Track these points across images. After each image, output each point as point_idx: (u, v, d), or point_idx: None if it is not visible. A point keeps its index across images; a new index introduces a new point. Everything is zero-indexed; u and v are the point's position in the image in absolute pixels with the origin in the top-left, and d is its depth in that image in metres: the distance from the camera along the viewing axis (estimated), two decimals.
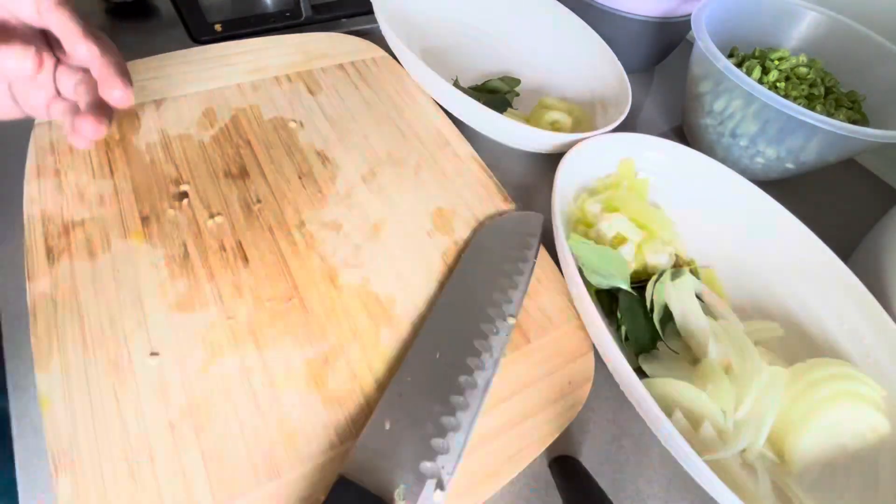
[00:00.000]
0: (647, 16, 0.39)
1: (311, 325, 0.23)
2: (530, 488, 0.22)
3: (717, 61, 0.30)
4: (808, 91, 0.34)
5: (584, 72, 0.39)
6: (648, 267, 0.29)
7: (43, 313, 0.21)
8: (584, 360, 0.25)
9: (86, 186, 0.25)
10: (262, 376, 0.21)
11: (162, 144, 0.28)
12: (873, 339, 0.25)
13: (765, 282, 0.29)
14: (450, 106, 0.33)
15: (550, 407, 0.23)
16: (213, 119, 0.30)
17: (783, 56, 0.35)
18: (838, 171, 0.40)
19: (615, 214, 0.28)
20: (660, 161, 0.31)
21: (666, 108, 0.43)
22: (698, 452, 0.18)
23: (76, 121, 0.21)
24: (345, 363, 0.22)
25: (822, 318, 0.27)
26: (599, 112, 0.37)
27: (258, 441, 0.20)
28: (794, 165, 0.33)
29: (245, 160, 0.29)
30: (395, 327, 0.24)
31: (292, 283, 0.24)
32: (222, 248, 0.25)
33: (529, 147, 0.34)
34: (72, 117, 0.21)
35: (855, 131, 0.28)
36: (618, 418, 0.25)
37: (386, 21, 0.33)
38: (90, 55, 0.20)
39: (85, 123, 0.21)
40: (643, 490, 0.23)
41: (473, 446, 0.21)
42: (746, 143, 0.33)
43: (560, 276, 0.28)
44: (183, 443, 0.19)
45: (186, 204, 0.26)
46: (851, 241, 0.32)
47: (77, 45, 0.20)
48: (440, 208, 0.29)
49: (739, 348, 0.24)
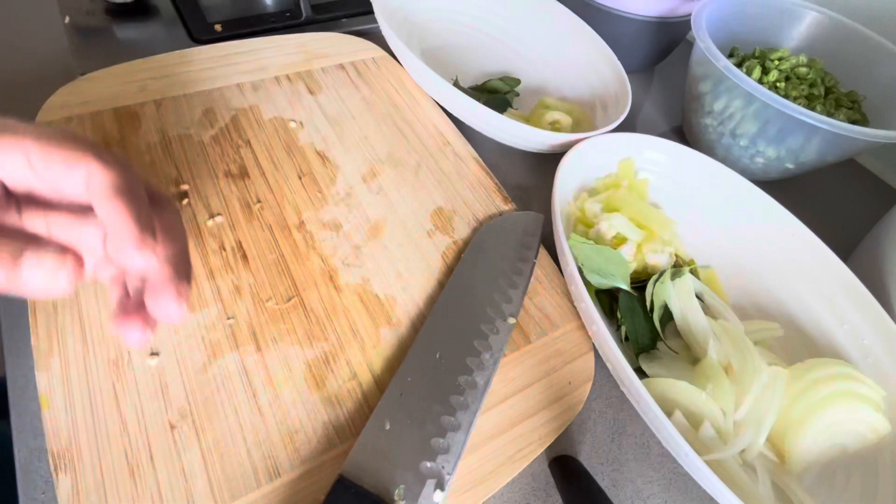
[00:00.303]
0: (647, 16, 0.39)
1: (311, 325, 0.23)
2: (531, 488, 0.22)
3: (717, 61, 0.30)
4: (808, 91, 0.34)
5: (584, 72, 0.39)
6: (648, 267, 0.29)
7: (43, 313, 0.21)
8: (584, 360, 0.25)
9: None
10: (262, 376, 0.21)
11: (162, 144, 0.28)
12: (873, 339, 0.25)
13: (765, 282, 0.29)
14: (450, 106, 0.33)
15: (550, 407, 0.23)
16: (213, 119, 0.30)
17: (783, 56, 0.35)
18: (838, 172, 0.40)
19: (615, 214, 0.28)
20: (660, 161, 0.32)
21: (666, 108, 0.43)
22: (698, 452, 0.18)
23: (149, 300, 0.15)
24: (344, 363, 0.22)
25: (821, 318, 0.27)
26: (599, 112, 0.37)
27: (258, 441, 0.20)
28: (793, 165, 0.33)
29: (245, 160, 0.29)
30: (395, 327, 0.24)
31: (292, 283, 0.24)
32: (222, 248, 0.25)
33: (529, 147, 0.34)
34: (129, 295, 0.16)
35: (855, 131, 0.28)
36: (618, 418, 0.25)
37: (386, 21, 0.33)
38: (145, 265, 0.14)
39: (163, 302, 0.15)
40: (643, 490, 0.23)
41: (474, 446, 0.21)
42: (746, 142, 0.33)
43: (560, 276, 0.28)
44: (183, 443, 0.19)
45: (186, 204, 0.26)
46: (851, 240, 0.32)
47: (130, 252, 0.14)
48: (440, 208, 0.29)
49: (739, 348, 0.24)
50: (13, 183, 0.14)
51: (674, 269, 0.28)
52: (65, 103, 0.28)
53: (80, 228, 0.14)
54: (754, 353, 0.23)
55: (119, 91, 0.30)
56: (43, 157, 0.13)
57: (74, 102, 0.28)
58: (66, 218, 0.14)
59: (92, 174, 0.14)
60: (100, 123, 0.28)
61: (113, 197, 0.14)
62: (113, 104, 0.29)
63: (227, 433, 0.20)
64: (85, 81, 0.30)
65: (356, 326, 0.24)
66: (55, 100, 0.28)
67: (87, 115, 0.28)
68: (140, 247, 0.14)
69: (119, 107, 0.29)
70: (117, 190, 0.14)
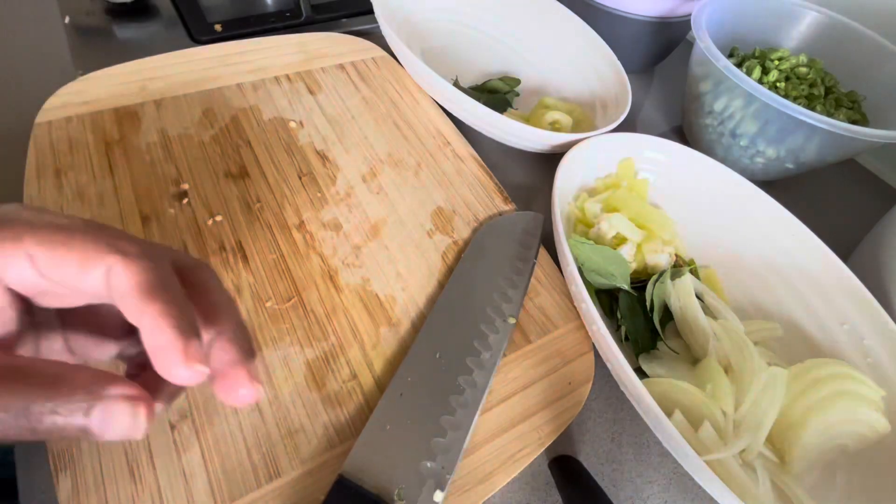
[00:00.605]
0: (648, 16, 0.39)
1: (310, 325, 0.23)
2: (531, 487, 0.22)
3: (718, 61, 0.30)
4: (808, 91, 0.34)
5: (584, 72, 0.39)
6: (648, 267, 0.29)
7: None
8: (584, 360, 0.25)
9: (86, 186, 0.25)
10: (262, 376, 0.21)
11: (162, 144, 0.28)
12: (873, 339, 0.25)
13: (765, 282, 0.29)
14: (450, 106, 0.33)
15: (550, 406, 0.23)
16: (213, 119, 0.30)
17: (783, 56, 0.35)
18: (838, 172, 0.40)
19: (615, 214, 0.28)
20: (660, 161, 0.32)
21: (666, 108, 0.43)
22: (698, 452, 0.18)
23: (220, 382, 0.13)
24: (344, 363, 0.22)
25: (821, 318, 0.27)
26: (600, 112, 0.37)
27: (258, 441, 0.20)
28: (793, 165, 0.33)
29: (245, 160, 0.29)
30: (395, 327, 0.24)
31: (292, 282, 0.24)
32: (222, 248, 0.25)
33: (529, 147, 0.34)
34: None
35: (854, 131, 0.28)
36: (618, 418, 0.25)
37: (386, 21, 0.33)
38: (198, 379, 0.12)
39: (235, 389, 0.13)
40: (643, 490, 0.23)
41: (474, 445, 0.21)
42: (746, 142, 0.33)
43: (560, 276, 0.28)
44: (183, 443, 0.19)
45: (186, 204, 0.26)
46: (851, 240, 0.32)
47: (179, 371, 0.11)
48: (440, 208, 0.29)
49: (739, 348, 0.24)
50: (23, 290, 0.12)
51: (674, 269, 0.28)
52: (65, 103, 0.28)
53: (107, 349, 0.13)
54: (754, 353, 0.23)
55: (119, 91, 0.30)
56: (49, 259, 0.11)
57: (74, 102, 0.29)
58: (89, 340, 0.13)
59: (112, 273, 0.11)
60: (100, 123, 0.28)
61: (142, 301, 0.11)
62: (113, 104, 0.29)
63: (226, 433, 0.20)
64: (85, 81, 0.30)
65: (356, 326, 0.24)
66: (55, 100, 0.28)
67: (87, 115, 0.28)
68: (188, 362, 0.11)
69: (119, 107, 0.29)
70: (146, 291, 0.11)
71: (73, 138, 0.27)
